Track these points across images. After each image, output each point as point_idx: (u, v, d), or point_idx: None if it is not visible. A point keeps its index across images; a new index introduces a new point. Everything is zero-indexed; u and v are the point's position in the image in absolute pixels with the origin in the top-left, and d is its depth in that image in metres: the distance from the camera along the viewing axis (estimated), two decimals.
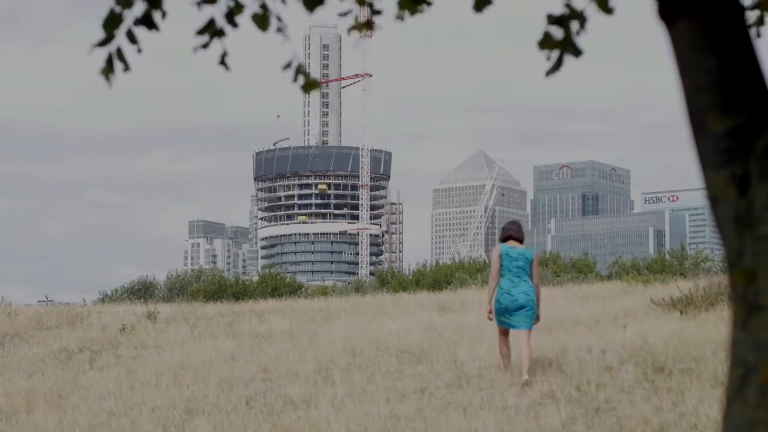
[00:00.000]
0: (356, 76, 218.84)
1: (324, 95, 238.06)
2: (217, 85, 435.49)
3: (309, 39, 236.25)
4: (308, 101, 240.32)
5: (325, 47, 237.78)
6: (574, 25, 3.36)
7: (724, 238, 2.83)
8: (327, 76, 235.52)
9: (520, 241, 11.43)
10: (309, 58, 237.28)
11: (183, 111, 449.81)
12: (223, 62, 3.54)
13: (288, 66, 3.48)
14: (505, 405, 9.29)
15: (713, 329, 12.13)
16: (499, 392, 9.81)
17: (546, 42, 3.36)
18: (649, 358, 10.65)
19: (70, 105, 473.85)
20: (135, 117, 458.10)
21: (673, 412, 8.50)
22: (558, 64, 3.40)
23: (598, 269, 48.12)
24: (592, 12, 3.36)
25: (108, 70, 3.46)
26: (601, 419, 8.54)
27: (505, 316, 11.03)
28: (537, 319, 11.08)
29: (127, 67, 3.48)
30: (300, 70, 3.46)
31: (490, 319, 11.24)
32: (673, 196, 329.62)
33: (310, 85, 3.49)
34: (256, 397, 10.74)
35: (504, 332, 11.20)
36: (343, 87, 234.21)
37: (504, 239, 11.45)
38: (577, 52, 3.39)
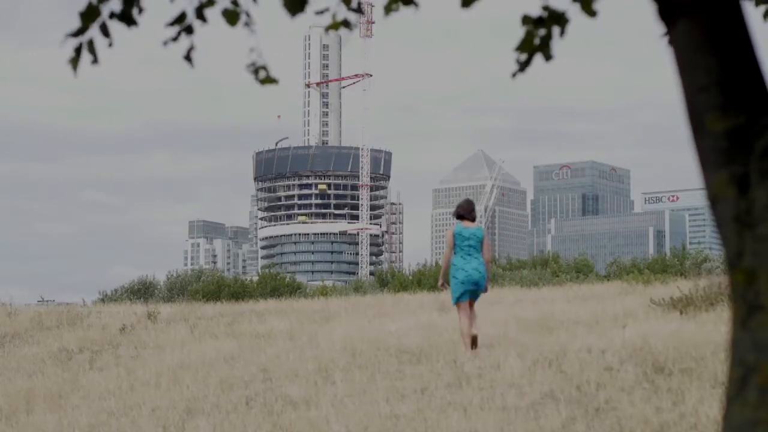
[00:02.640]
0: (356, 76, 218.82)
1: (324, 95, 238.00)
2: (217, 85, 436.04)
3: (309, 39, 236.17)
4: (308, 101, 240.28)
5: (325, 47, 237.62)
6: (555, 29, 3.36)
7: (724, 238, 2.83)
8: (327, 76, 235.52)
9: (472, 220, 12.61)
10: (309, 58, 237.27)
11: (183, 111, 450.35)
12: (188, 57, 3.55)
13: (252, 65, 3.51)
14: (505, 405, 9.29)
15: (713, 329, 12.13)
16: (499, 392, 9.81)
17: (525, 45, 3.36)
18: (649, 358, 10.64)
19: (71, 105, 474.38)
20: (136, 117, 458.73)
21: (673, 412, 8.50)
22: (525, 66, 3.40)
23: (598, 269, 48.16)
24: (575, 13, 3.36)
25: (75, 60, 3.47)
26: (601, 419, 8.54)
27: (461, 288, 12.29)
28: (485, 290, 12.51)
29: (95, 60, 3.48)
30: (259, 66, 3.49)
31: (441, 288, 12.72)
32: (673, 196, 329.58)
33: (266, 80, 3.52)
34: (256, 397, 10.74)
35: (465, 308, 12.31)
36: (343, 87, 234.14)
37: (458, 218, 12.63)
38: (548, 56, 3.38)
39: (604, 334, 12.63)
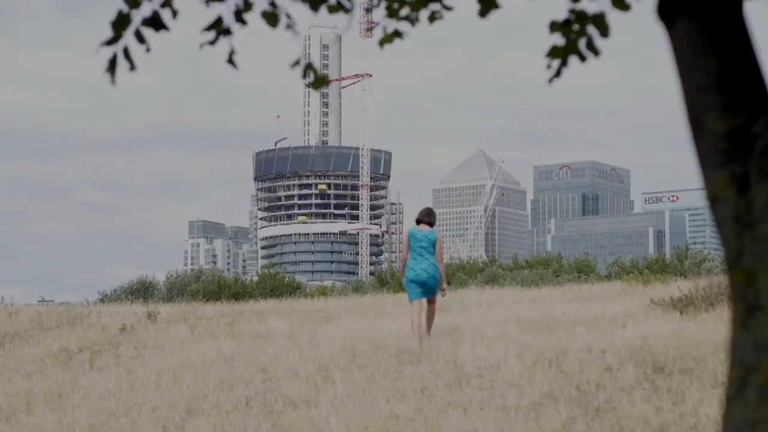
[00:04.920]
0: (356, 76, 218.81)
1: (324, 95, 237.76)
2: (217, 85, 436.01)
3: (309, 39, 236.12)
4: (308, 101, 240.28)
5: (325, 47, 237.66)
6: (590, 28, 3.36)
7: (724, 238, 2.83)
8: (327, 76, 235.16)
9: (430, 225, 13.54)
10: (309, 58, 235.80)
11: (183, 111, 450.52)
12: (231, 60, 3.55)
13: (296, 63, 3.50)
14: (505, 405, 9.29)
15: (713, 329, 12.12)
16: (499, 392, 9.81)
17: (557, 51, 3.36)
18: (649, 358, 10.64)
19: (71, 105, 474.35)
20: (136, 117, 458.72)
21: (673, 412, 8.50)
22: (560, 70, 3.41)
23: (598, 269, 48.12)
24: (605, 10, 3.36)
25: (112, 69, 3.47)
26: (601, 419, 8.54)
27: (411, 287, 13.31)
28: (443, 292, 13.54)
29: (133, 67, 3.48)
30: (309, 67, 3.49)
31: (402, 283, 13.67)
32: (673, 196, 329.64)
33: (319, 81, 3.51)
34: (256, 397, 10.74)
35: (416, 306, 13.36)
36: (343, 87, 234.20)
37: (417, 222, 13.61)
38: (585, 57, 3.39)
39: (604, 334, 12.62)
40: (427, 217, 13.59)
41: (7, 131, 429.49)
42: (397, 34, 3.53)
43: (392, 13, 3.54)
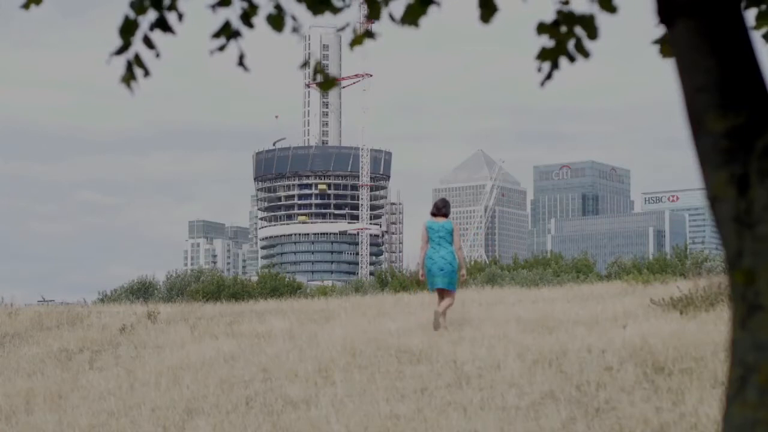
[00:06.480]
0: (356, 76, 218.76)
1: (324, 95, 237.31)
2: (217, 85, 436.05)
3: (309, 39, 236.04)
4: (308, 101, 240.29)
5: (325, 47, 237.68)
6: (579, 30, 3.35)
7: (723, 238, 2.83)
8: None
9: (445, 215, 14.32)
10: (309, 59, 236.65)
11: (183, 111, 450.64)
12: (241, 63, 3.55)
13: (305, 64, 3.50)
14: (505, 405, 9.29)
15: (713, 329, 12.12)
16: (499, 392, 9.81)
17: (546, 53, 3.36)
18: (649, 358, 10.64)
19: (71, 105, 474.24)
20: (135, 117, 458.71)
21: (673, 412, 8.50)
22: (551, 72, 3.41)
23: (598, 269, 48.13)
24: (594, 12, 3.36)
25: (128, 77, 3.47)
26: (601, 419, 8.54)
27: (431, 276, 14.16)
28: (462, 277, 14.48)
29: (147, 73, 3.48)
30: (318, 69, 3.48)
31: (420, 280, 14.66)
32: (673, 196, 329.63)
33: (328, 84, 3.50)
34: (256, 397, 10.74)
35: (439, 295, 14.26)
36: (343, 87, 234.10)
37: (432, 214, 14.34)
38: (573, 58, 3.39)
39: (604, 334, 12.61)
40: (443, 209, 14.35)
41: (7, 131, 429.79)
42: (368, 34, 3.50)
43: (373, 14, 3.51)
